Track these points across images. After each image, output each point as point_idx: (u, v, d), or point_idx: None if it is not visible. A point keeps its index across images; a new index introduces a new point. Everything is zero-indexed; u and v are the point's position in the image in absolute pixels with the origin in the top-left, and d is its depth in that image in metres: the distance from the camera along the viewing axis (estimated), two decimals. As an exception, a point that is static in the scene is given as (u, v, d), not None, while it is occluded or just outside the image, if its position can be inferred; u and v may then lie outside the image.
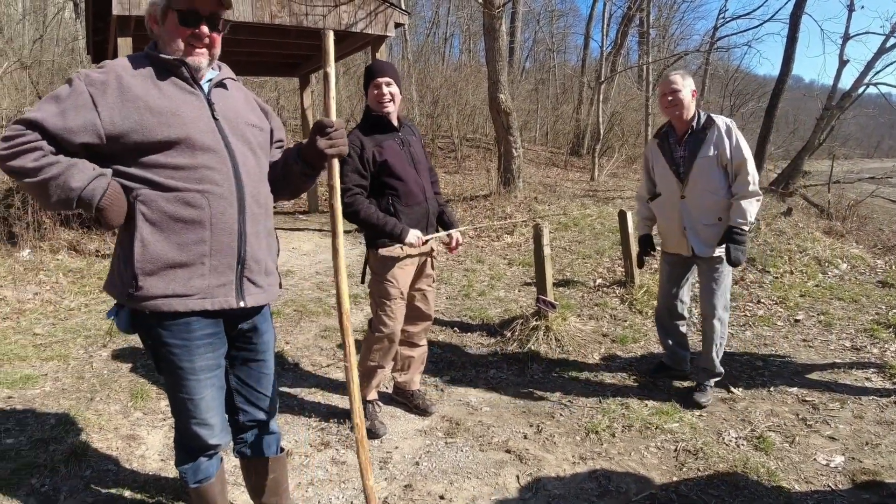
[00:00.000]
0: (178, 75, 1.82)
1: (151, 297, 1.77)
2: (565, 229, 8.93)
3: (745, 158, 3.35)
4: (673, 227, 3.60)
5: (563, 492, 2.72)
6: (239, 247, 1.87)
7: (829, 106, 16.17)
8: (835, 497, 2.68)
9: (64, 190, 1.65)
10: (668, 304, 3.85)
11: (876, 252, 8.80)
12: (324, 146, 1.89)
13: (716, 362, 3.64)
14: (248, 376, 2.11)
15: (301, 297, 5.74)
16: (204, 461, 2.07)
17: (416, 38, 26.57)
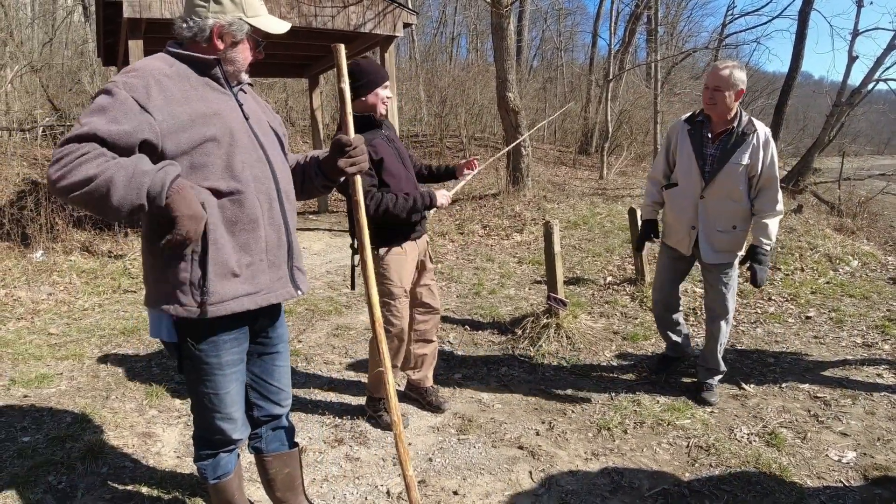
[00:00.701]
0: (212, 76, 1.85)
1: (224, 300, 1.79)
2: (575, 227, 8.93)
3: (775, 176, 3.27)
4: (682, 223, 3.47)
5: (576, 487, 2.73)
6: (287, 239, 1.96)
7: (839, 102, 16.06)
8: (847, 493, 2.69)
9: (133, 182, 1.55)
10: (665, 298, 3.78)
11: (887, 249, 8.76)
12: (344, 165, 1.93)
13: (720, 361, 3.61)
14: (262, 371, 2.14)
15: (313, 297, 5.78)
16: (224, 457, 2.10)
17: (424, 37, 26.60)
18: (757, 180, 3.28)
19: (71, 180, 1.53)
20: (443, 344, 4.59)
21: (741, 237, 3.40)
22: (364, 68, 3.02)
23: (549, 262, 4.56)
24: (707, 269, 3.52)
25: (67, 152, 1.55)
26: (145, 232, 1.83)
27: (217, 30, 1.81)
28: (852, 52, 15.99)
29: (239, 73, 1.92)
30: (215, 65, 1.83)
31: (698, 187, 3.35)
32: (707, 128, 3.35)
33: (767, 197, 3.28)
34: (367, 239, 1.99)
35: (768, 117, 19.20)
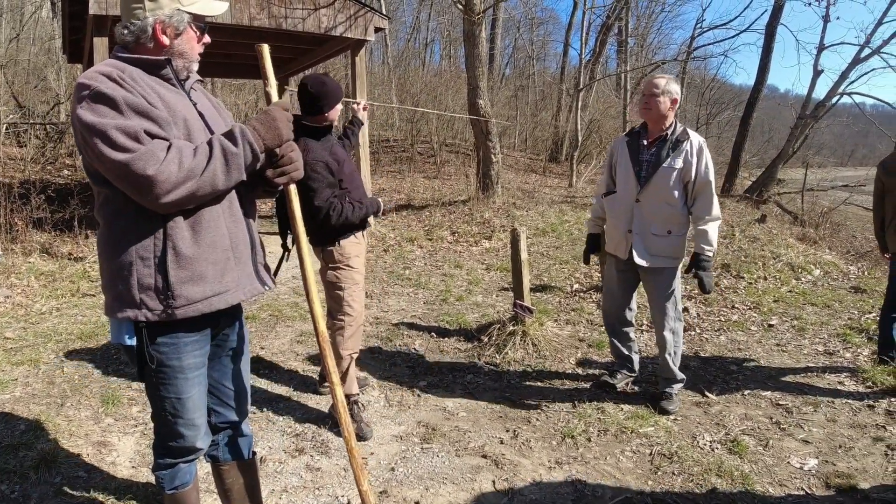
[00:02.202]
0: (163, 76, 1.82)
1: (192, 302, 1.76)
2: (543, 235, 8.97)
3: (710, 181, 3.35)
4: (619, 228, 3.53)
5: (539, 496, 2.70)
6: (250, 235, 1.96)
7: (804, 115, 16.48)
8: (809, 500, 2.71)
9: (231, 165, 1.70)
10: (615, 309, 3.77)
11: (849, 258, 8.98)
12: (272, 176, 1.90)
13: (674, 370, 3.60)
14: (221, 374, 2.08)
15: (277, 302, 5.68)
16: (183, 467, 2.04)
17: (397, 43, 26.60)
18: (692, 186, 3.36)
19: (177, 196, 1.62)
20: (408, 351, 4.55)
21: (678, 243, 3.44)
22: (328, 87, 3.13)
23: (515, 270, 4.55)
24: (645, 276, 3.54)
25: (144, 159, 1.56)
26: (103, 237, 1.77)
27: (158, 26, 1.77)
28: (818, 66, 16.43)
29: (191, 63, 1.88)
30: (166, 65, 1.80)
31: (634, 191, 3.43)
32: (644, 136, 3.48)
33: (703, 202, 3.36)
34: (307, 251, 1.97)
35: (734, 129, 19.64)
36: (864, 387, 3.92)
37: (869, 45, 15.24)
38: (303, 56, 10.66)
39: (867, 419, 3.48)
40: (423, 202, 11.68)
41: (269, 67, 1.90)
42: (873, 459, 3.04)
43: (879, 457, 3.07)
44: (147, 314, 1.73)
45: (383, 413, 3.53)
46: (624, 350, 3.84)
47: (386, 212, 3.41)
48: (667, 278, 3.48)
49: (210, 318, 1.87)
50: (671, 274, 3.48)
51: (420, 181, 14.63)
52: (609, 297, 3.80)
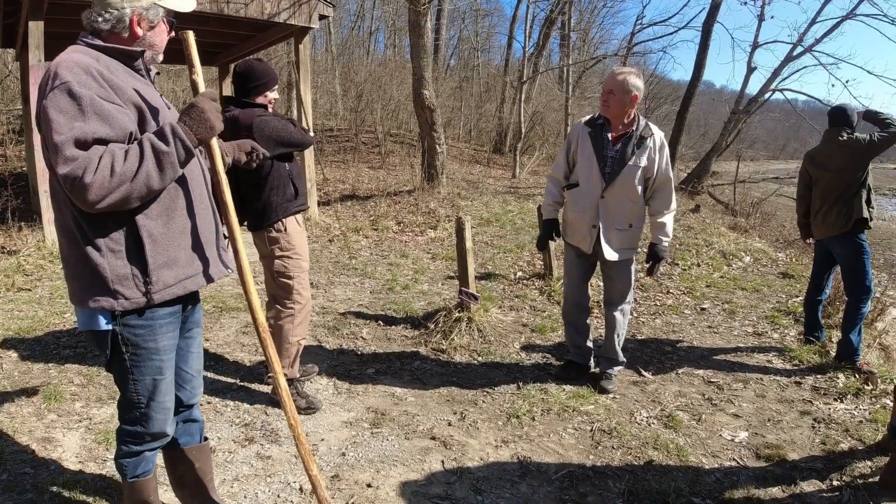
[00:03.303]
0: (135, 67, 1.85)
1: (167, 286, 1.82)
2: (488, 224, 9.10)
3: (670, 177, 3.46)
4: (584, 222, 3.54)
5: (487, 474, 2.80)
6: (215, 220, 2.02)
7: (737, 110, 17.22)
8: (741, 470, 2.89)
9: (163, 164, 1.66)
10: (577, 299, 3.82)
11: (778, 246, 9.49)
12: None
13: (619, 352, 3.75)
14: (179, 357, 2.09)
15: (221, 293, 5.58)
16: (147, 454, 2.04)
17: (341, 31, 26.21)
18: (653, 182, 3.45)
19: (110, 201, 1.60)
20: (356, 340, 4.56)
21: (637, 234, 3.58)
22: (257, 71, 3.13)
23: (460, 258, 4.63)
24: (608, 267, 3.64)
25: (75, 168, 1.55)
26: (65, 226, 1.76)
27: (136, 18, 1.80)
28: (751, 63, 17.20)
29: (158, 55, 1.92)
30: (139, 56, 1.84)
31: (599, 188, 3.45)
32: (607, 130, 3.46)
33: (663, 197, 3.47)
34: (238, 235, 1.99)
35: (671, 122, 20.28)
36: (791, 365, 4.19)
37: (801, 43, 16.08)
38: (244, 42, 10.41)
39: (794, 395, 3.73)
40: (368, 192, 11.64)
41: (195, 55, 1.89)
42: (801, 432, 3.27)
43: (807, 429, 3.30)
44: (125, 303, 1.77)
45: (332, 400, 3.55)
46: (580, 339, 3.89)
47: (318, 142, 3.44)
48: (628, 267, 3.60)
49: (181, 299, 1.93)
50: (630, 262, 3.61)
51: (365, 171, 14.54)
52: (569, 283, 3.85)
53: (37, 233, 7.02)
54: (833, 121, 4.22)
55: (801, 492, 2.71)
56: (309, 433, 3.14)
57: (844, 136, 4.08)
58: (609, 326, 3.73)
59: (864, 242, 4.08)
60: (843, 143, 4.07)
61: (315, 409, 3.37)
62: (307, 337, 3.50)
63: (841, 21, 15.61)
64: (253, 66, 3.14)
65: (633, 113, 3.44)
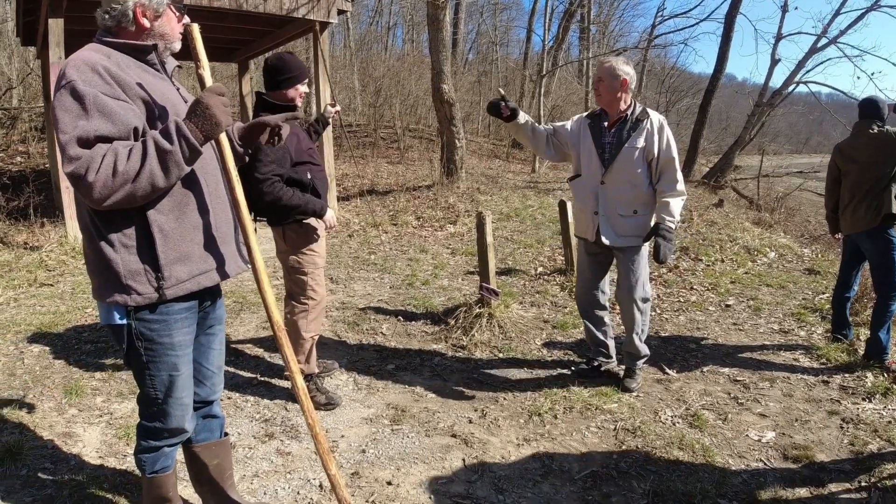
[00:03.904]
0: (148, 61, 1.84)
1: (180, 281, 1.81)
2: (507, 219, 9.04)
3: (673, 157, 3.37)
4: (586, 211, 3.54)
5: (508, 473, 2.76)
6: (233, 215, 2.00)
7: (760, 103, 16.93)
8: (767, 471, 2.82)
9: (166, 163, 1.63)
10: (588, 296, 3.76)
11: (803, 241, 9.31)
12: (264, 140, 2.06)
13: (640, 346, 3.64)
14: (199, 353, 2.09)
15: (241, 289, 5.61)
16: (166, 450, 2.04)
17: (359, 26, 26.22)
18: (656, 164, 3.39)
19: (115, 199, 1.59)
20: (375, 335, 4.55)
21: (645, 222, 3.46)
22: (289, 63, 3.14)
23: (481, 253, 4.59)
24: (618, 257, 3.56)
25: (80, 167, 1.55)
26: (84, 223, 1.80)
27: (139, 10, 1.78)
28: (775, 55, 16.89)
29: (171, 44, 1.89)
30: (152, 50, 1.83)
31: (598, 174, 3.45)
32: (604, 119, 3.49)
33: (668, 178, 3.38)
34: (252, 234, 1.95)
35: (693, 116, 20.02)
36: (819, 363, 4.09)
37: (826, 34, 15.74)
38: (263, 38, 10.44)
39: (822, 394, 3.64)
40: (387, 187, 11.63)
41: (201, 48, 1.86)
42: (829, 432, 3.18)
43: (835, 430, 3.21)
44: (137, 298, 1.77)
45: (352, 396, 3.53)
46: (599, 335, 3.81)
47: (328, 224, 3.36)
48: (635, 256, 3.50)
49: (197, 295, 1.92)
50: (637, 252, 3.50)
51: (384, 166, 14.54)
52: (581, 280, 3.82)
53: (59, 228, 7.11)
54: (864, 113, 4.11)
55: (829, 493, 2.64)
56: (329, 429, 3.13)
57: (875, 128, 3.97)
58: (626, 324, 3.64)
59: (893, 238, 3.97)
60: (874, 136, 3.96)
61: (335, 405, 3.36)
62: (324, 333, 3.49)
63: (866, 12, 15.25)
64: (284, 59, 3.16)
65: (629, 99, 3.43)
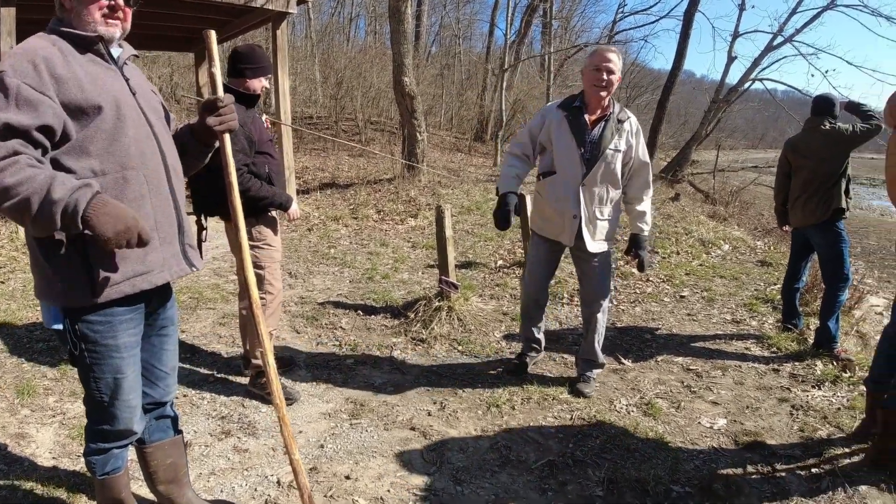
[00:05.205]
0: (95, 51, 1.77)
1: (114, 283, 1.74)
2: (468, 213, 9.07)
3: (647, 162, 3.33)
4: (564, 213, 3.31)
5: (467, 464, 2.78)
6: (177, 215, 1.93)
7: (717, 99, 17.34)
8: (719, 457, 2.91)
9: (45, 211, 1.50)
10: (539, 294, 3.67)
11: (756, 234, 9.59)
12: (214, 123, 1.94)
13: (599, 353, 3.59)
14: (150, 354, 2.05)
15: (197, 284, 5.50)
16: (116, 451, 2.00)
17: (321, 17, 25.84)
18: (630, 167, 3.33)
19: None
20: (335, 330, 4.52)
21: (615, 225, 3.44)
22: (258, 54, 3.19)
23: (440, 247, 4.60)
24: (585, 260, 3.43)
25: None
26: None
27: None
28: (732, 53, 17.29)
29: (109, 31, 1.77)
30: (97, 41, 1.76)
31: (579, 174, 3.24)
32: (584, 112, 3.27)
33: (640, 182, 3.35)
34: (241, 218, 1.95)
35: (652, 111, 20.37)
36: (770, 352, 4.23)
37: (782, 33, 16.20)
38: (220, 28, 10.19)
39: (772, 382, 3.75)
40: (347, 180, 11.54)
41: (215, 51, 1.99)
42: (779, 419, 3.29)
43: (785, 416, 3.32)
44: (71, 300, 1.73)
45: (311, 392, 3.50)
46: (534, 331, 3.79)
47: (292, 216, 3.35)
48: (608, 260, 3.45)
49: (142, 296, 1.86)
50: (610, 255, 3.47)
51: (345, 159, 14.42)
52: (535, 279, 3.64)
53: (10, 224, 6.85)
54: (816, 109, 4.22)
55: (780, 478, 2.73)
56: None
57: (827, 125, 4.09)
58: (590, 328, 3.54)
59: (842, 231, 4.11)
60: (826, 133, 4.08)
61: (293, 401, 3.33)
62: (281, 328, 3.45)
63: (822, 11, 15.73)
64: (254, 48, 3.22)
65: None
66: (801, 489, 2.65)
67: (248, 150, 3.09)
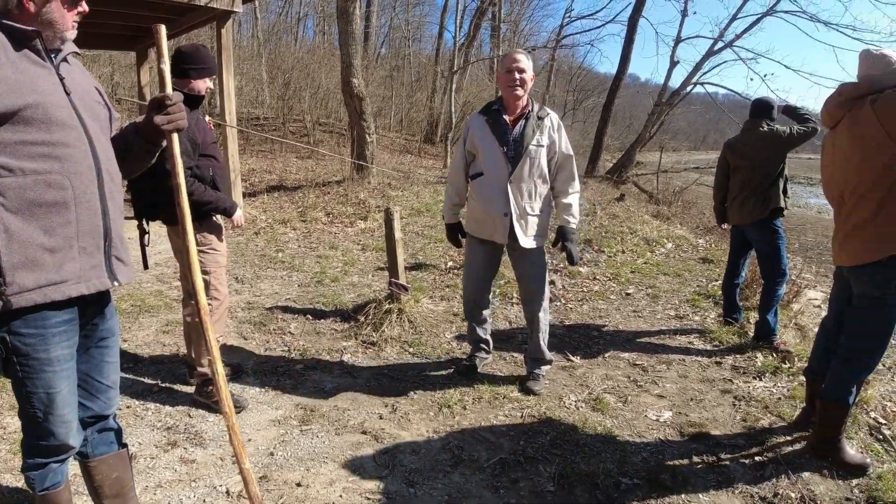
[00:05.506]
0: (31, 47, 1.69)
1: (25, 290, 1.64)
2: (419, 214, 9.07)
3: (571, 155, 3.42)
4: (494, 212, 3.36)
5: (420, 465, 2.78)
6: (104, 225, 1.82)
7: (660, 102, 17.87)
8: (666, 448, 2.99)
9: None
10: (478, 296, 3.69)
11: (698, 232, 9.91)
12: (161, 122, 1.86)
13: (545, 351, 3.63)
14: (90, 367, 1.97)
15: (139, 291, 5.33)
16: (54, 466, 1.91)
17: (268, 16, 25.44)
18: (555, 161, 3.42)
19: None
20: (283, 335, 4.45)
21: (547, 220, 3.50)
22: (203, 54, 3.14)
23: (390, 249, 4.58)
24: (520, 258, 3.49)
25: None
26: None
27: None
28: (674, 58, 17.87)
29: (62, 32, 1.75)
30: (35, 36, 1.68)
31: (505, 173, 3.31)
32: (504, 114, 3.37)
33: (566, 175, 3.43)
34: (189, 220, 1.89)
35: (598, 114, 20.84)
36: (712, 346, 4.37)
37: (722, 38, 16.79)
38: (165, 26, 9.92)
39: (715, 374, 3.89)
40: (295, 183, 11.38)
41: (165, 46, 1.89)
42: (723, 410, 3.41)
43: (728, 407, 3.44)
44: None
45: (259, 399, 3.44)
46: (481, 332, 3.82)
47: (237, 223, 3.32)
48: (541, 256, 3.49)
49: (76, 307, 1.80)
50: (543, 251, 3.52)
51: (293, 161, 14.21)
52: (472, 281, 3.67)
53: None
54: (755, 112, 4.38)
55: (725, 467, 2.83)
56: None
57: (765, 127, 4.25)
58: (533, 326, 3.59)
59: (779, 228, 4.28)
60: (764, 134, 4.23)
61: (241, 408, 3.26)
62: (228, 334, 3.38)
63: (761, 17, 16.35)
64: (199, 49, 3.16)
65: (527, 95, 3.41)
66: (745, 477, 2.75)
67: (191, 153, 3.02)
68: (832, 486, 2.69)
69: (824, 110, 2.91)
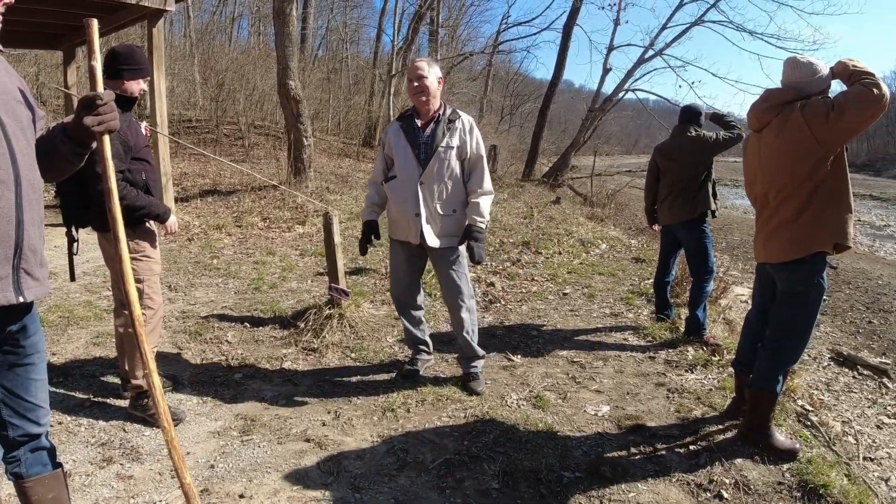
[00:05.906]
0: None
1: None
2: (357, 219, 9.01)
3: (482, 156, 3.51)
4: (406, 213, 3.46)
5: (365, 470, 2.78)
6: (16, 235, 1.67)
7: (593, 108, 18.40)
8: (605, 441, 3.10)
9: None
10: (405, 297, 3.75)
11: (630, 233, 10.26)
12: (91, 123, 1.73)
13: (475, 348, 3.66)
14: (15, 385, 1.85)
15: (67, 302, 5.09)
16: None
17: (201, 15, 24.68)
18: (468, 162, 3.51)
19: None
20: (220, 344, 4.35)
21: (462, 220, 3.54)
22: (137, 55, 3.08)
23: (329, 254, 4.56)
24: (436, 258, 3.56)
25: None
26: None
27: None
28: (607, 65, 18.41)
29: None
30: None
31: (416, 174, 3.42)
32: (416, 118, 3.51)
33: (477, 176, 3.50)
34: (121, 227, 1.82)
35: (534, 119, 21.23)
36: (646, 341, 4.56)
37: (653, 47, 17.41)
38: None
39: (650, 368, 4.05)
40: (230, 187, 11.10)
41: (97, 42, 1.76)
42: (657, 402, 3.55)
43: (662, 399, 3.59)
44: None
45: (197, 411, 3.35)
46: (418, 333, 3.86)
47: (170, 229, 3.38)
48: (458, 257, 3.55)
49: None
50: (459, 251, 3.56)
51: (227, 165, 13.84)
52: (396, 282, 3.76)
53: None
54: (683, 117, 4.61)
55: (662, 457, 2.95)
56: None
57: (693, 132, 4.47)
58: (458, 327, 3.62)
59: (706, 228, 4.51)
60: (692, 139, 4.45)
61: (179, 421, 3.17)
62: (162, 345, 3.28)
63: (690, 27, 17.03)
64: (134, 49, 3.08)
65: (440, 97, 3.51)
66: (681, 465, 2.88)
67: (123, 156, 2.93)
68: (764, 470, 2.85)
69: (751, 114, 3.06)
